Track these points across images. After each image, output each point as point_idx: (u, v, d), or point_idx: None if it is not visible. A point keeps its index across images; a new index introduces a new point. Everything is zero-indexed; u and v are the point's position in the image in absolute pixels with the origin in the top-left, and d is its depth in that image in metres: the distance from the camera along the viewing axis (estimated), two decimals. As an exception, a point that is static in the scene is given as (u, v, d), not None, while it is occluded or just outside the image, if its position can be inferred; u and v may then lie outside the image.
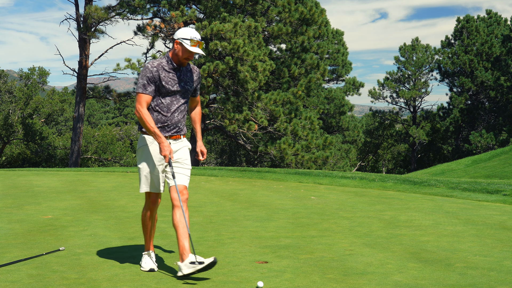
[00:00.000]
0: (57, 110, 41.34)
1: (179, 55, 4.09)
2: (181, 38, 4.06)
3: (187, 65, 4.22)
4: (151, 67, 4.05)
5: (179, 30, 4.12)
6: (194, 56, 4.18)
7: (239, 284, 3.75)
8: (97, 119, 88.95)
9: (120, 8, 23.23)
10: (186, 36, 4.05)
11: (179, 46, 4.07)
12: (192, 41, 4.04)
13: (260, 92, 21.20)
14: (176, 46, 4.09)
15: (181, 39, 4.06)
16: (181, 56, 4.08)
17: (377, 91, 47.55)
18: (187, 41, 4.04)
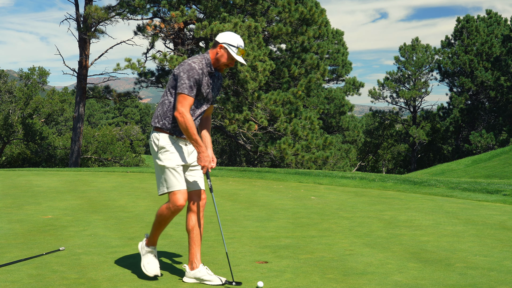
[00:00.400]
0: (57, 110, 41.34)
1: (221, 61, 3.86)
2: (227, 44, 3.83)
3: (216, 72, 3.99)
4: (199, 69, 3.78)
5: (226, 35, 3.87)
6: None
7: (239, 284, 3.75)
8: (97, 119, 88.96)
9: (120, 8, 23.22)
10: (233, 43, 3.84)
11: (223, 51, 3.84)
12: (239, 49, 3.84)
13: (260, 92, 21.20)
14: (220, 50, 3.84)
15: (227, 45, 3.83)
16: (223, 62, 3.85)
17: (377, 91, 47.59)
18: (234, 48, 3.84)
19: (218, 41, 3.87)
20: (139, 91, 25.34)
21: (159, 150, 3.84)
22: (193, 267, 3.87)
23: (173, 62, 20.66)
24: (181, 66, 3.81)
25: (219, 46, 3.85)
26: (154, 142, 3.86)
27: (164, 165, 3.81)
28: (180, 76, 3.77)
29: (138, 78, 23.83)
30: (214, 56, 3.87)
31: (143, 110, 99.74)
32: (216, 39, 3.90)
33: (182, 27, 22.06)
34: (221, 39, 3.85)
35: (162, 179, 3.84)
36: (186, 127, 3.71)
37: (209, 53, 3.90)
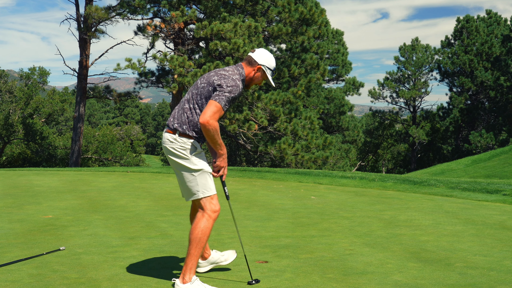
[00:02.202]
0: (57, 110, 41.36)
1: (255, 81, 3.85)
2: (266, 66, 3.82)
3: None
4: (240, 88, 3.73)
5: (265, 56, 3.83)
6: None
7: (239, 284, 3.76)
8: (97, 119, 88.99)
9: (120, 8, 23.23)
10: (271, 66, 3.85)
11: (260, 73, 3.83)
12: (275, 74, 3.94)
13: (260, 92, 21.21)
14: (258, 70, 3.82)
15: (265, 67, 3.82)
16: (256, 81, 3.85)
17: (377, 91, 47.60)
18: (270, 71, 3.86)
19: (257, 61, 3.81)
20: (140, 91, 25.36)
21: (192, 154, 3.68)
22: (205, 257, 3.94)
23: (173, 62, 20.66)
24: (224, 78, 3.67)
25: (257, 66, 3.81)
26: (182, 147, 3.67)
27: (202, 168, 3.68)
28: (222, 88, 3.63)
29: (139, 78, 23.84)
30: (249, 74, 3.83)
31: (144, 110, 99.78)
32: (254, 57, 3.83)
33: (182, 27, 22.07)
34: (260, 60, 3.81)
35: (197, 184, 3.66)
36: (214, 134, 3.57)
37: (243, 68, 3.83)
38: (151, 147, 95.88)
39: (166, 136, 3.74)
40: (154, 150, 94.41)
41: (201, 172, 3.67)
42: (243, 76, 3.79)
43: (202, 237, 3.60)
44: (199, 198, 3.66)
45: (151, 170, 13.62)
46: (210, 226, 3.62)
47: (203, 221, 3.62)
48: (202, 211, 3.65)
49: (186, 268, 3.59)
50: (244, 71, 3.80)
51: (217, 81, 3.67)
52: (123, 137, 45.81)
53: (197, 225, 3.62)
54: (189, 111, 3.72)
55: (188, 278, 3.58)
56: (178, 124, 3.71)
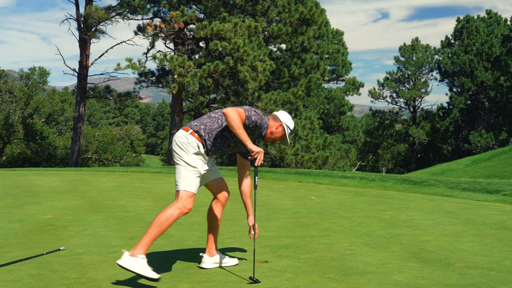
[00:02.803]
0: (57, 110, 41.37)
1: (274, 135, 4.20)
2: (287, 125, 4.20)
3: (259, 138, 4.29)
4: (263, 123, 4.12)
5: (287, 117, 4.23)
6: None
7: (239, 284, 3.76)
8: (97, 119, 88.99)
9: (120, 8, 23.24)
10: (291, 126, 4.23)
11: (281, 129, 4.19)
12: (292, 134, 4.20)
13: (260, 92, 21.21)
14: (279, 127, 4.18)
15: (286, 126, 4.20)
16: (275, 135, 4.20)
17: (377, 91, 47.59)
18: (289, 131, 4.23)
19: (280, 119, 4.21)
20: (140, 91, 25.36)
21: (193, 152, 3.96)
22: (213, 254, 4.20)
23: (173, 62, 20.67)
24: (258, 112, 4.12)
25: (280, 123, 4.19)
26: (191, 145, 3.96)
27: (197, 166, 3.96)
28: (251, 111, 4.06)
29: (139, 78, 23.85)
30: (272, 127, 4.20)
31: (144, 110, 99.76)
32: (278, 115, 4.23)
33: (182, 27, 22.07)
34: (283, 119, 4.20)
35: (184, 177, 3.94)
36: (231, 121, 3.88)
37: (269, 120, 4.23)
38: (151, 147, 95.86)
39: (180, 131, 4.07)
40: (154, 150, 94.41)
41: (192, 169, 3.94)
42: (267, 125, 4.20)
43: (163, 222, 3.83)
44: (179, 190, 3.92)
45: (151, 170, 13.62)
46: (175, 217, 3.86)
47: (171, 210, 3.87)
48: (176, 202, 3.91)
49: (139, 244, 3.79)
50: (270, 122, 4.22)
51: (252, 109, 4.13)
52: (123, 137, 45.82)
53: (165, 211, 3.88)
54: (211, 119, 4.10)
55: (137, 253, 3.75)
56: (196, 124, 4.06)
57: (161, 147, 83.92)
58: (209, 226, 4.27)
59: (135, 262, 3.71)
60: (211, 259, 4.20)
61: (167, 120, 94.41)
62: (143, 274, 3.69)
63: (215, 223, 4.26)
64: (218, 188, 4.25)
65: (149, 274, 3.69)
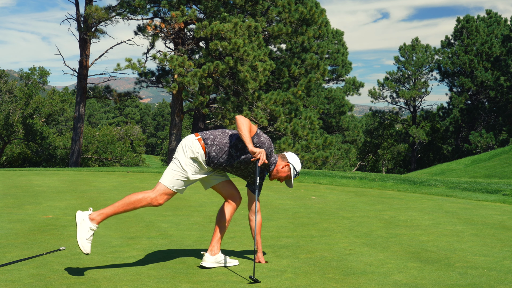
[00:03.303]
0: (57, 110, 41.37)
1: (280, 173, 4.24)
2: (293, 167, 4.25)
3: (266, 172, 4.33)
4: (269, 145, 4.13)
5: (295, 159, 4.29)
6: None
7: (239, 284, 3.76)
8: (97, 119, 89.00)
9: (120, 8, 23.24)
10: (298, 168, 4.28)
11: (287, 169, 4.24)
12: (297, 176, 4.31)
13: (260, 92, 21.21)
14: (286, 167, 4.23)
15: (293, 167, 4.25)
16: (280, 175, 4.25)
17: (377, 91, 47.60)
18: (295, 172, 4.28)
19: (288, 160, 4.27)
20: (140, 91, 25.37)
21: (192, 158, 4.07)
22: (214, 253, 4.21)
23: (173, 62, 20.66)
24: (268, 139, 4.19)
25: (287, 163, 4.24)
26: (192, 149, 4.07)
27: (187, 171, 4.07)
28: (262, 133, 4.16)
29: (139, 78, 23.85)
30: (279, 165, 4.25)
31: (144, 110, 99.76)
32: (286, 156, 4.29)
33: (182, 27, 22.07)
34: (291, 160, 4.26)
35: (170, 175, 4.08)
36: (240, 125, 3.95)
37: (278, 158, 4.28)
38: (151, 147, 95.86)
39: (190, 135, 4.20)
40: (154, 150, 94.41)
41: (181, 170, 4.07)
42: (276, 161, 4.24)
43: (131, 203, 4.01)
44: (160, 182, 4.10)
45: (151, 170, 13.62)
46: (143, 204, 4.01)
47: (143, 196, 4.04)
48: (152, 191, 4.07)
49: (102, 212, 3.99)
50: (278, 160, 4.26)
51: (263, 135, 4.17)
52: (123, 137, 45.83)
53: (138, 194, 4.05)
54: (224, 134, 4.17)
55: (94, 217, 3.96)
56: (206, 133, 4.16)
57: (161, 147, 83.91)
58: (216, 225, 4.29)
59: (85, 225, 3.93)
60: (212, 258, 4.20)
61: (167, 120, 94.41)
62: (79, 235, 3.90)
63: (222, 224, 4.28)
64: (228, 193, 4.31)
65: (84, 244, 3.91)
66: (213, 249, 4.22)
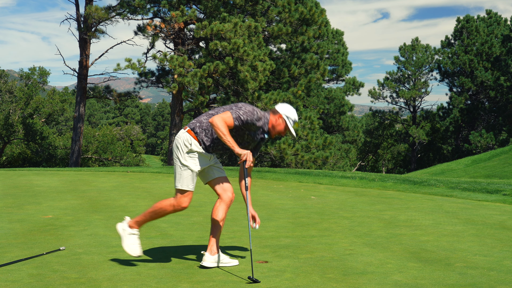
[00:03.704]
0: (57, 110, 41.36)
1: (277, 129, 4.23)
2: (286, 116, 4.21)
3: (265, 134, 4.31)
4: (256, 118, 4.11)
5: (286, 107, 4.24)
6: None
7: (239, 284, 3.76)
8: (97, 119, 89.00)
9: (120, 8, 23.24)
10: (292, 117, 4.23)
11: (281, 121, 4.21)
12: (296, 124, 4.25)
13: (260, 92, 21.21)
14: (279, 119, 4.21)
15: (286, 117, 4.21)
16: (278, 130, 4.23)
17: (377, 91, 47.61)
18: (292, 120, 4.23)
19: (279, 111, 4.23)
20: (140, 91, 25.37)
21: (189, 152, 4.14)
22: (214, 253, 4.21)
23: (173, 62, 20.67)
24: (246, 104, 4.18)
25: (278, 115, 4.22)
26: (185, 143, 4.14)
27: (188, 165, 4.14)
28: (239, 107, 4.13)
29: (139, 78, 23.86)
30: (272, 121, 4.24)
31: (144, 110, 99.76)
32: (276, 108, 4.26)
33: (182, 27, 22.08)
34: (282, 110, 4.23)
35: (179, 176, 4.16)
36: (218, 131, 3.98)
37: (270, 115, 4.26)
38: (151, 147, 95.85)
39: (180, 131, 4.26)
40: (154, 150, 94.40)
41: (186, 169, 4.14)
42: (267, 119, 4.24)
43: (159, 212, 4.24)
44: (175, 188, 4.19)
45: (151, 170, 13.62)
46: (167, 211, 4.21)
47: (167, 204, 4.22)
48: (174, 198, 4.20)
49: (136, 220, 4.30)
50: (270, 117, 4.25)
51: (240, 103, 4.22)
52: (123, 137, 45.83)
53: (163, 202, 4.24)
54: (208, 116, 4.20)
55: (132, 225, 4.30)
56: (192, 122, 4.22)
57: (161, 147, 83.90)
58: (212, 224, 4.29)
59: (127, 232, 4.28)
60: (212, 258, 4.20)
61: (167, 120, 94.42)
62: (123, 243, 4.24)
63: (217, 222, 4.28)
64: (221, 188, 4.31)
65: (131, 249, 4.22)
66: (212, 248, 4.22)
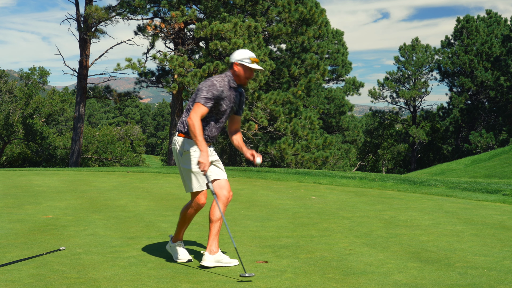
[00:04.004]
0: (57, 110, 41.35)
1: (242, 76, 4.27)
2: (239, 59, 4.24)
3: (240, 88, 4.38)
4: (219, 86, 4.19)
5: (236, 53, 4.28)
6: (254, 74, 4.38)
7: (239, 284, 3.76)
8: (97, 119, 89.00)
9: (120, 8, 23.24)
10: (244, 56, 4.25)
11: (239, 67, 4.25)
12: (252, 59, 4.25)
13: (260, 92, 21.21)
14: (236, 68, 4.25)
15: (240, 60, 4.24)
16: (244, 76, 4.27)
17: (377, 91, 47.60)
18: (246, 60, 4.24)
19: (232, 61, 4.28)
20: (140, 91, 25.36)
21: (183, 154, 4.25)
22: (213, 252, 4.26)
23: (173, 62, 20.67)
24: (204, 82, 4.24)
25: (234, 65, 4.27)
26: (180, 146, 4.27)
27: (188, 168, 4.23)
28: (200, 89, 4.20)
29: (139, 78, 23.85)
30: (233, 73, 4.29)
31: (144, 110, 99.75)
32: (230, 60, 4.31)
33: (182, 27, 22.07)
34: (234, 58, 4.28)
35: (185, 179, 4.26)
36: (195, 129, 4.09)
37: (229, 71, 4.32)
38: (151, 147, 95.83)
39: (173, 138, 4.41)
40: (154, 150, 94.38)
41: (187, 171, 4.24)
42: (231, 76, 4.28)
43: (188, 218, 4.39)
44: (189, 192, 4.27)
45: (151, 170, 13.62)
46: (192, 213, 4.34)
47: (188, 209, 4.36)
48: (191, 200, 4.33)
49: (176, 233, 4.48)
50: (230, 73, 4.30)
51: (200, 85, 4.27)
52: (123, 137, 45.82)
53: (185, 208, 4.40)
54: (186, 113, 4.32)
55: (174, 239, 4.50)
56: (178, 125, 4.37)
57: (161, 147, 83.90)
58: (210, 223, 4.30)
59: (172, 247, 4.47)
60: (211, 257, 4.21)
61: (167, 120, 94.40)
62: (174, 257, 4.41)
63: (215, 221, 4.28)
64: (218, 186, 4.31)
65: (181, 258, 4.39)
66: (211, 248, 4.23)
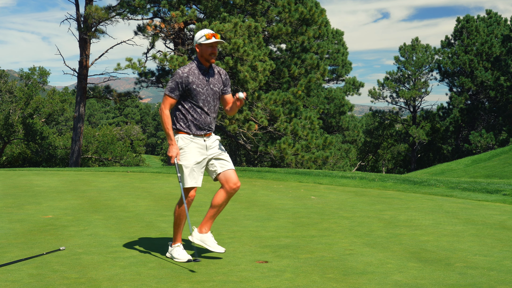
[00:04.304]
0: (57, 110, 41.34)
1: (204, 55, 4.36)
2: (196, 41, 4.37)
3: (214, 68, 4.47)
4: (182, 73, 4.31)
5: (195, 36, 4.43)
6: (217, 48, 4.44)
7: (239, 284, 3.76)
8: (97, 119, 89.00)
9: (120, 8, 23.23)
10: (200, 35, 4.36)
11: (199, 48, 4.37)
12: (207, 35, 4.32)
13: (260, 92, 21.20)
14: (198, 49, 4.38)
15: (197, 42, 4.36)
16: (205, 53, 4.34)
17: (377, 91, 47.61)
18: (202, 38, 4.34)
19: (194, 46, 4.47)
20: (140, 91, 25.36)
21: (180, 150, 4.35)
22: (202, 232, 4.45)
23: (173, 62, 20.66)
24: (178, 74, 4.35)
25: (195, 47, 4.41)
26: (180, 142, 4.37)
27: (183, 164, 4.32)
28: (169, 79, 4.39)
29: (139, 78, 23.85)
30: (198, 56, 4.41)
31: (144, 110, 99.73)
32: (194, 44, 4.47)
33: (182, 27, 22.07)
34: (194, 42, 4.43)
35: (179, 175, 4.34)
36: (163, 121, 4.31)
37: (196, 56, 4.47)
38: (151, 147, 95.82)
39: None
40: (154, 150, 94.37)
41: (181, 167, 4.34)
42: (196, 60, 4.41)
43: (177, 215, 4.42)
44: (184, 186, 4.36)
45: (151, 170, 13.62)
46: (183, 209, 4.36)
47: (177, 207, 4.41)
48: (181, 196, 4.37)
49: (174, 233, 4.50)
50: (196, 57, 4.45)
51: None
52: (123, 137, 45.81)
53: (175, 210, 4.43)
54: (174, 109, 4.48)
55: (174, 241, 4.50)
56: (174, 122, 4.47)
57: (161, 147, 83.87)
58: (211, 205, 4.48)
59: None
60: (199, 236, 4.45)
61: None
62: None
63: (216, 204, 4.46)
64: (224, 178, 4.42)
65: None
66: (202, 227, 4.45)
